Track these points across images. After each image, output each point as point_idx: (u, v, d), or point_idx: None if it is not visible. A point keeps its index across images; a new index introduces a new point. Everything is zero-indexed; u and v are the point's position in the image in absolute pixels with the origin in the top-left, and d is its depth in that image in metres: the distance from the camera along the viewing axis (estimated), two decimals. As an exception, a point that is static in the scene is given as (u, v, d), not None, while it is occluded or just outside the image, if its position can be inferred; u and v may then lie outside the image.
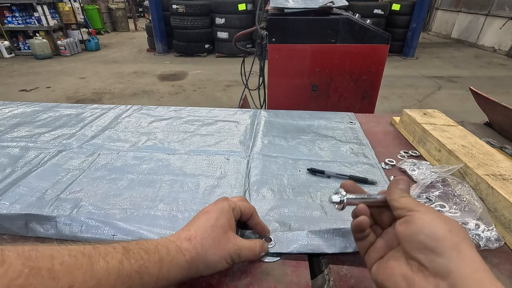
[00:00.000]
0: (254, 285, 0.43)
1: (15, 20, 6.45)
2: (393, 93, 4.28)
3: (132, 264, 0.32)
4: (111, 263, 0.30)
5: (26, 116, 0.99)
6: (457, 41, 8.39)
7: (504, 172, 0.59)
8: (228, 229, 0.42)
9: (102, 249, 0.31)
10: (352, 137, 0.87)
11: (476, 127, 0.89)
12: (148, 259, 0.33)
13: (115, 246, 0.33)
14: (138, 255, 0.33)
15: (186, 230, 0.40)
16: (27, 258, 0.26)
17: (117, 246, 0.33)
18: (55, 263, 0.27)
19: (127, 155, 0.76)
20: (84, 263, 0.28)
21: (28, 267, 0.25)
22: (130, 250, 0.33)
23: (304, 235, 0.49)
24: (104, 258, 0.30)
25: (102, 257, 0.30)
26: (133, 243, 0.35)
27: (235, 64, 4.81)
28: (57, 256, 0.27)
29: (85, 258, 0.29)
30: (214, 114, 1.02)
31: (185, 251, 0.37)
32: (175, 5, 6.00)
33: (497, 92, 4.36)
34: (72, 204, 0.58)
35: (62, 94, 4.33)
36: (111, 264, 0.30)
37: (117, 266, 0.30)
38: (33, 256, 0.26)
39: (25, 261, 0.25)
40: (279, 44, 1.69)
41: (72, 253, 0.29)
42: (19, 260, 0.25)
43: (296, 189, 0.64)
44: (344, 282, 0.44)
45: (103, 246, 0.32)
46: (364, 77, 1.75)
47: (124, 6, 10.40)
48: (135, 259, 0.32)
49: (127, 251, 0.33)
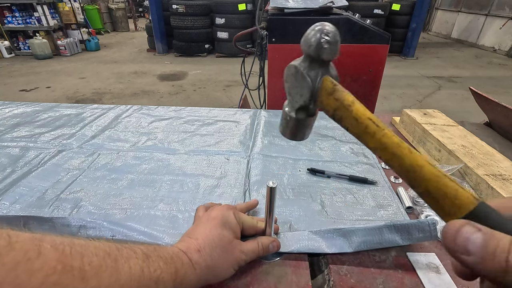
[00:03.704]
0: (254, 285, 0.43)
1: (15, 20, 6.44)
2: (393, 93, 4.28)
3: (151, 273, 0.32)
4: (133, 268, 0.30)
5: (26, 116, 0.99)
6: (457, 41, 8.38)
7: (504, 172, 0.59)
8: (233, 237, 0.42)
9: (125, 252, 0.31)
10: (352, 137, 0.86)
11: (476, 127, 0.89)
12: (165, 270, 0.33)
13: (136, 250, 0.32)
14: (157, 264, 0.33)
15: (194, 238, 0.40)
16: (62, 254, 0.25)
17: (138, 250, 0.33)
18: (84, 262, 0.26)
19: (127, 155, 0.76)
20: (110, 266, 0.28)
21: (62, 263, 0.25)
22: (149, 257, 0.33)
23: (305, 235, 0.49)
24: (128, 263, 0.30)
25: (126, 261, 0.30)
26: (151, 249, 0.34)
27: (235, 64, 4.81)
28: (86, 255, 0.27)
29: (111, 260, 0.29)
30: (214, 114, 1.02)
31: (195, 264, 0.37)
32: (175, 5, 5.99)
33: (497, 92, 4.35)
34: (72, 204, 0.58)
35: (62, 94, 4.33)
36: (133, 270, 0.30)
37: (139, 273, 0.30)
38: (67, 252, 0.26)
39: (59, 256, 0.25)
40: (279, 44, 1.69)
41: (99, 253, 0.28)
42: (54, 255, 0.25)
43: (296, 189, 0.64)
44: (344, 282, 0.44)
45: (125, 249, 0.31)
46: (364, 77, 1.75)
47: (124, 6, 10.39)
48: (154, 267, 0.32)
49: (147, 258, 0.32)
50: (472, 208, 0.23)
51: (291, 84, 0.34)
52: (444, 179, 0.25)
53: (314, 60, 0.31)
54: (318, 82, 0.31)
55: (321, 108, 0.33)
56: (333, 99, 0.30)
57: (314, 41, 0.29)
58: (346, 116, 0.30)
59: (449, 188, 0.25)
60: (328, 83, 0.31)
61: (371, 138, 0.29)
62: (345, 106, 0.29)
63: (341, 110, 0.30)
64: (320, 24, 0.30)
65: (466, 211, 0.24)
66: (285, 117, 0.35)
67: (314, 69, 0.31)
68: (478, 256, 0.21)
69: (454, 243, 0.22)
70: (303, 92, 0.32)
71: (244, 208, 0.53)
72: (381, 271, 0.45)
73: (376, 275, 0.45)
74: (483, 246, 0.21)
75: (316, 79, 0.31)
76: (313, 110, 0.34)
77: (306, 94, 0.32)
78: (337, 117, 0.31)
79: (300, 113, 0.34)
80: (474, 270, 0.22)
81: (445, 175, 0.25)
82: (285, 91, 0.35)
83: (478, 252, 0.21)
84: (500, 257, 0.20)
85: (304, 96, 0.32)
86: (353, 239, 0.49)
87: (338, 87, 0.31)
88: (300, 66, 0.31)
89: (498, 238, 0.21)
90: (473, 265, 0.21)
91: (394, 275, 0.45)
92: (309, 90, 0.31)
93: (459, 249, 0.22)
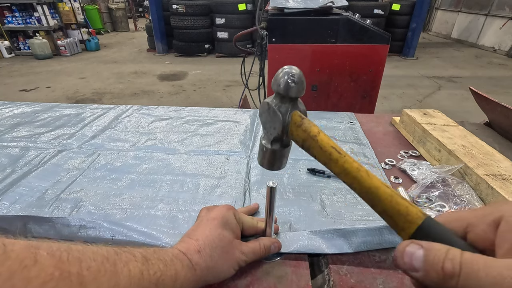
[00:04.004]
0: (254, 285, 0.43)
1: (15, 20, 6.44)
2: (393, 93, 4.28)
3: (151, 276, 0.32)
4: (133, 272, 0.30)
5: (26, 116, 0.99)
6: (457, 41, 8.38)
7: (504, 172, 0.59)
8: (233, 238, 0.42)
9: (123, 256, 0.31)
10: (352, 137, 0.87)
11: (476, 127, 0.89)
12: (165, 272, 0.33)
13: (135, 253, 0.32)
14: (157, 266, 0.33)
15: (194, 239, 0.40)
16: (59, 260, 0.25)
17: (137, 253, 0.33)
18: (83, 267, 0.26)
19: (127, 155, 0.76)
20: (109, 270, 0.28)
21: (59, 270, 0.25)
22: (149, 260, 0.33)
23: (305, 235, 0.49)
24: (127, 266, 0.30)
25: (125, 264, 0.30)
26: (150, 252, 0.34)
27: (235, 64, 4.81)
28: (84, 260, 0.27)
29: (109, 264, 0.29)
30: (214, 114, 1.02)
31: (195, 265, 0.37)
32: (175, 5, 5.99)
33: (497, 92, 4.35)
34: (72, 204, 0.58)
35: (62, 94, 4.33)
36: (132, 273, 0.30)
37: (138, 276, 0.30)
38: (64, 258, 0.26)
39: (56, 263, 0.25)
40: (279, 44, 1.69)
41: (98, 258, 0.28)
42: (51, 262, 0.25)
43: (296, 189, 0.64)
44: (344, 282, 0.44)
45: (124, 252, 0.31)
46: (364, 77, 1.75)
47: (124, 6, 10.39)
48: (154, 270, 0.32)
49: (146, 261, 0.32)
50: (420, 222, 0.26)
51: (265, 119, 0.38)
52: (396, 198, 0.28)
53: (283, 97, 0.35)
54: (288, 116, 0.35)
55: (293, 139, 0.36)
56: (302, 130, 0.34)
57: (283, 81, 0.34)
58: (313, 145, 0.33)
59: (401, 205, 0.27)
60: (297, 117, 0.35)
61: (335, 164, 0.32)
62: (312, 137, 0.33)
63: (308, 140, 0.34)
64: (287, 67, 0.35)
65: (415, 226, 0.26)
66: (262, 148, 0.39)
67: (284, 105, 0.35)
68: (422, 270, 0.22)
69: (403, 261, 0.24)
70: (276, 126, 0.36)
71: (245, 212, 0.53)
72: (381, 271, 0.45)
73: (376, 275, 0.45)
74: (424, 260, 0.22)
75: (286, 113, 0.35)
76: (286, 142, 0.38)
77: (279, 127, 0.36)
78: (305, 146, 0.35)
79: (275, 144, 0.38)
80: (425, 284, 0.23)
81: (397, 194, 0.28)
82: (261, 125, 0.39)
83: (421, 267, 0.22)
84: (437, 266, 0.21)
85: (277, 129, 0.36)
86: (353, 240, 0.49)
87: (305, 120, 0.35)
88: (272, 103, 0.36)
89: (436, 250, 0.22)
90: (422, 280, 0.23)
91: (394, 275, 0.45)
92: (280, 123, 0.35)
93: (408, 267, 0.23)
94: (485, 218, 0.24)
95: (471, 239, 0.25)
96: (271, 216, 0.45)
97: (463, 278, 0.20)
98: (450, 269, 0.21)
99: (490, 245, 0.23)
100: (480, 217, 0.25)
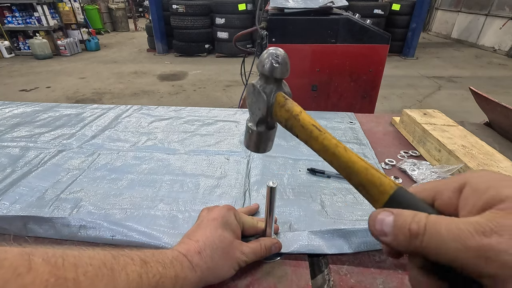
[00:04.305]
0: (254, 285, 0.43)
1: (15, 20, 6.44)
2: (393, 93, 4.28)
3: (150, 279, 0.31)
4: (131, 276, 0.30)
5: (26, 116, 0.99)
6: (457, 41, 8.38)
7: (504, 172, 0.59)
8: (234, 238, 0.42)
9: (121, 260, 0.31)
10: (352, 137, 0.87)
11: (476, 127, 0.89)
12: (164, 274, 0.33)
13: (133, 256, 0.32)
14: (155, 269, 0.33)
15: (194, 240, 0.40)
16: (54, 266, 0.25)
17: (135, 257, 0.32)
18: (79, 273, 0.26)
19: (127, 155, 0.76)
20: (106, 275, 0.28)
21: (54, 276, 0.24)
22: (147, 263, 0.32)
23: (305, 235, 0.49)
24: (125, 270, 0.30)
25: (122, 268, 0.30)
26: (149, 255, 0.34)
27: (235, 64, 4.81)
28: (80, 265, 0.27)
29: (107, 269, 0.28)
30: (214, 114, 1.02)
31: (196, 266, 0.37)
32: (175, 5, 5.99)
33: (497, 92, 4.35)
34: (72, 204, 0.58)
35: (62, 94, 4.33)
36: (131, 277, 0.30)
37: (137, 279, 0.30)
38: (60, 264, 0.26)
39: (51, 269, 0.25)
40: (279, 44, 1.69)
41: (94, 262, 0.28)
42: (46, 268, 0.24)
43: (296, 189, 0.64)
44: (344, 282, 0.44)
45: (122, 256, 0.31)
46: (364, 77, 1.75)
47: (124, 6, 10.39)
48: (153, 273, 0.32)
49: (144, 264, 0.32)
50: (392, 192, 0.27)
51: (250, 101, 0.39)
52: (371, 170, 0.29)
53: (268, 78, 0.36)
54: (272, 97, 0.36)
55: (277, 120, 0.37)
56: (285, 110, 0.35)
57: (267, 62, 0.35)
58: (295, 124, 0.34)
59: (375, 177, 0.29)
60: (281, 98, 0.36)
61: (315, 141, 0.33)
62: (294, 116, 0.34)
63: (291, 120, 0.35)
64: (272, 49, 0.36)
65: (388, 195, 0.28)
66: (248, 130, 0.40)
67: (269, 86, 0.36)
68: (391, 234, 0.24)
69: (374, 228, 0.25)
70: (260, 106, 0.37)
71: (245, 212, 0.53)
72: (381, 271, 0.45)
73: (376, 275, 0.45)
74: (394, 226, 0.24)
75: (270, 94, 0.36)
76: (271, 124, 0.39)
77: (263, 108, 0.37)
78: (288, 126, 0.36)
79: (260, 126, 0.39)
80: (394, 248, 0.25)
81: (372, 167, 0.29)
82: (248, 107, 0.40)
83: (391, 231, 0.24)
84: (404, 229, 0.23)
85: (262, 110, 0.37)
86: (353, 240, 0.49)
87: (288, 100, 0.36)
88: (257, 84, 0.37)
89: (404, 215, 0.24)
90: (391, 244, 0.24)
91: (394, 275, 0.45)
92: (265, 104, 0.36)
93: (379, 233, 0.25)
94: (450, 185, 0.25)
95: (438, 206, 0.26)
96: (271, 216, 0.45)
97: (427, 237, 0.22)
98: (415, 229, 0.22)
99: (454, 210, 0.24)
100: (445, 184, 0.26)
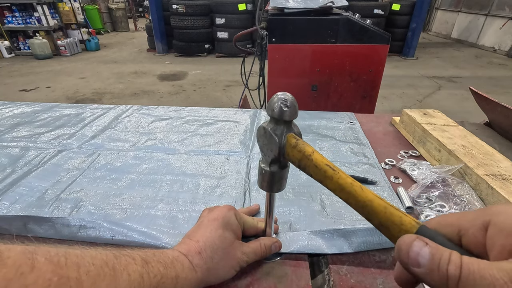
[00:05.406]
0: (254, 285, 0.43)
1: (15, 20, 6.44)
2: (393, 93, 4.28)
3: (151, 279, 0.31)
4: (132, 276, 0.30)
5: (26, 116, 0.99)
6: (457, 41, 8.38)
7: (504, 172, 0.59)
8: (234, 239, 0.42)
9: (123, 260, 0.31)
10: (352, 137, 0.87)
11: (476, 127, 0.89)
12: (165, 275, 0.33)
13: (134, 256, 0.32)
14: (157, 269, 0.33)
15: (194, 240, 0.40)
16: (56, 265, 0.25)
17: (136, 256, 0.32)
18: (81, 272, 0.26)
19: (127, 155, 0.76)
20: (108, 274, 0.28)
21: (57, 275, 0.24)
22: (149, 263, 0.33)
23: (305, 235, 0.49)
24: (126, 270, 0.30)
25: (124, 268, 0.30)
26: (150, 255, 0.34)
27: (235, 64, 4.81)
28: (83, 264, 0.27)
29: (109, 268, 0.29)
30: (214, 114, 1.02)
31: (196, 266, 0.37)
32: (175, 5, 5.99)
33: (497, 92, 4.35)
34: (72, 204, 0.58)
35: (62, 94, 4.33)
36: (132, 277, 0.30)
37: (138, 279, 0.30)
38: (62, 263, 0.26)
39: (54, 268, 0.25)
40: (279, 44, 1.69)
41: (96, 262, 0.28)
42: (49, 267, 0.24)
43: (296, 189, 0.64)
44: (344, 282, 0.44)
45: (123, 256, 0.31)
46: (364, 77, 1.75)
47: (124, 6, 10.39)
48: (154, 273, 0.32)
49: (146, 264, 0.32)
50: (414, 231, 0.27)
51: (262, 143, 0.40)
52: (390, 209, 0.29)
53: (278, 121, 0.38)
54: (283, 138, 0.37)
55: (289, 160, 0.38)
56: (297, 151, 0.36)
57: (277, 107, 0.36)
58: (309, 164, 0.35)
59: (395, 216, 0.28)
60: (292, 139, 0.37)
61: (330, 181, 0.33)
62: (306, 156, 0.35)
63: (304, 160, 0.35)
64: (281, 94, 0.37)
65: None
66: (261, 171, 0.41)
67: (279, 128, 0.38)
68: (426, 268, 0.23)
69: (408, 256, 0.24)
70: (273, 148, 0.38)
71: (246, 212, 0.53)
72: (381, 271, 0.45)
73: (376, 275, 0.45)
74: (430, 259, 0.23)
75: (281, 136, 0.37)
76: (284, 163, 0.40)
77: (275, 149, 0.38)
78: (302, 166, 0.36)
79: (273, 166, 0.40)
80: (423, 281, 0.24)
81: (390, 205, 0.29)
82: (259, 149, 0.42)
83: (426, 265, 0.23)
84: (443, 268, 0.22)
85: (274, 151, 0.38)
86: (353, 240, 0.49)
87: (299, 141, 0.37)
88: (268, 127, 0.38)
89: (441, 251, 0.23)
90: (422, 276, 0.23)
91: (394, 275, 0.45)
92: (277, 145, 0.37)
93: (412, 262, 0.24)
94: (475, 222, 0.25)
95: (464, 243, 0.25)
96: (271, 216, 0.45)
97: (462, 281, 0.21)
98: (453, 271, 0.22)
99: (482, 248, 0.24)
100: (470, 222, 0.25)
